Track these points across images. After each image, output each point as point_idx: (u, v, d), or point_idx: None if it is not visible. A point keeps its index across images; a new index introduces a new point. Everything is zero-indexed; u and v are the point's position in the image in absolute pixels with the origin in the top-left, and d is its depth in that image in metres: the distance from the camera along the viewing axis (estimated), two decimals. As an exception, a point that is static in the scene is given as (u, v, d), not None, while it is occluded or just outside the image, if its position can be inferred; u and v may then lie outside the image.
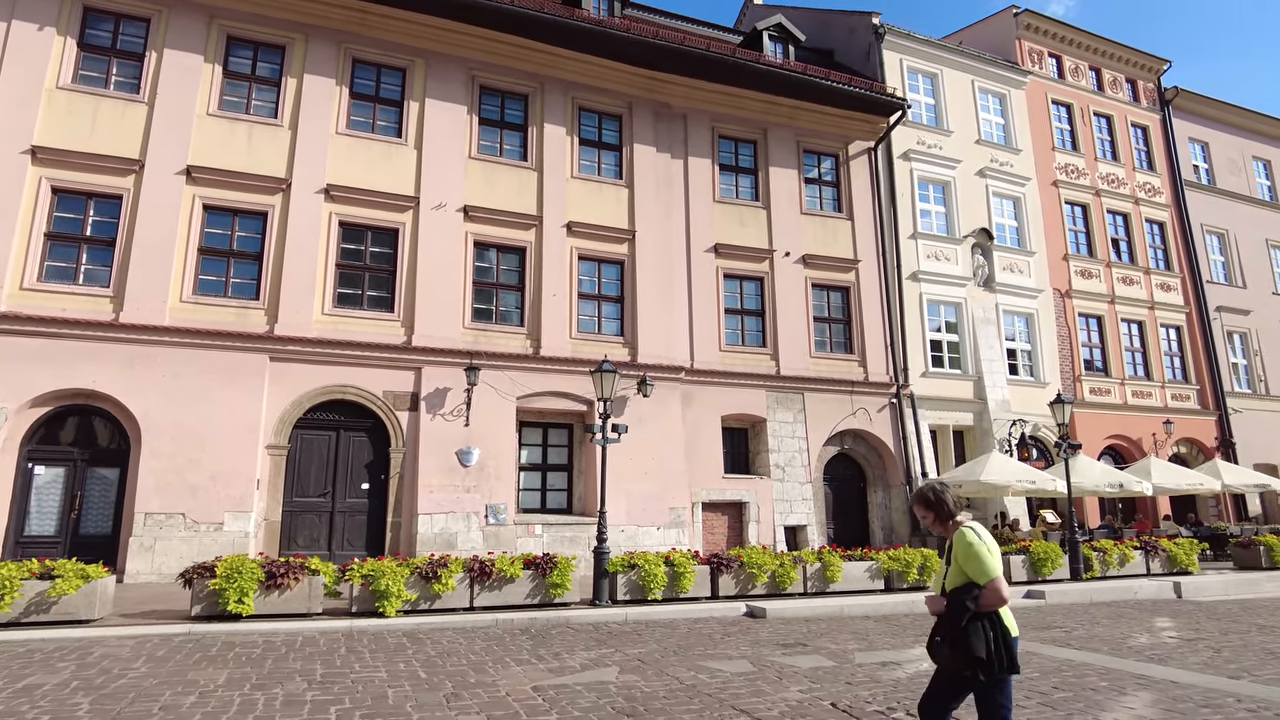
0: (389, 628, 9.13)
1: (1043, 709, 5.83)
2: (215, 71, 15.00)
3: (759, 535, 17.03)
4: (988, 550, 3.58)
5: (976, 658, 3.45)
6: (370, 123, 16.14)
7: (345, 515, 14.63)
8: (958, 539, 3.66)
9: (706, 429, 17.31)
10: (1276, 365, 25.62)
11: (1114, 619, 10.94)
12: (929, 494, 3.81)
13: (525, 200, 16.65)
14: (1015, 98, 23.34)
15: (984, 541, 3.62)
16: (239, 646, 7.83)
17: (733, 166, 19.18)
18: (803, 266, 19.01)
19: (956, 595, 3.60)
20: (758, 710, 5.67)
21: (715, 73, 18.40)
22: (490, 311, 16.01)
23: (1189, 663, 7.77)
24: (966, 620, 3.51)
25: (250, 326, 14.23)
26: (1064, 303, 22.44)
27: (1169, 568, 15.12)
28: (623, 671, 6.96)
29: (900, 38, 21.72)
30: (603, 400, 11.80)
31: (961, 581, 3.62)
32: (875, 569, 12.27)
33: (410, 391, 14.91)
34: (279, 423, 14.20)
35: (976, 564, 3.57)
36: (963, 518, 3.76)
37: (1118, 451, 22.72)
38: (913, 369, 19.32)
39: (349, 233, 15.42)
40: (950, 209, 21.14)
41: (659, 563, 10.82)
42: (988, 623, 3.51)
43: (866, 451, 18.99)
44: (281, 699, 5.77)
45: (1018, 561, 13.52)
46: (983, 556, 3.56)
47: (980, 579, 3.55)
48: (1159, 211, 25.21)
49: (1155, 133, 26.04)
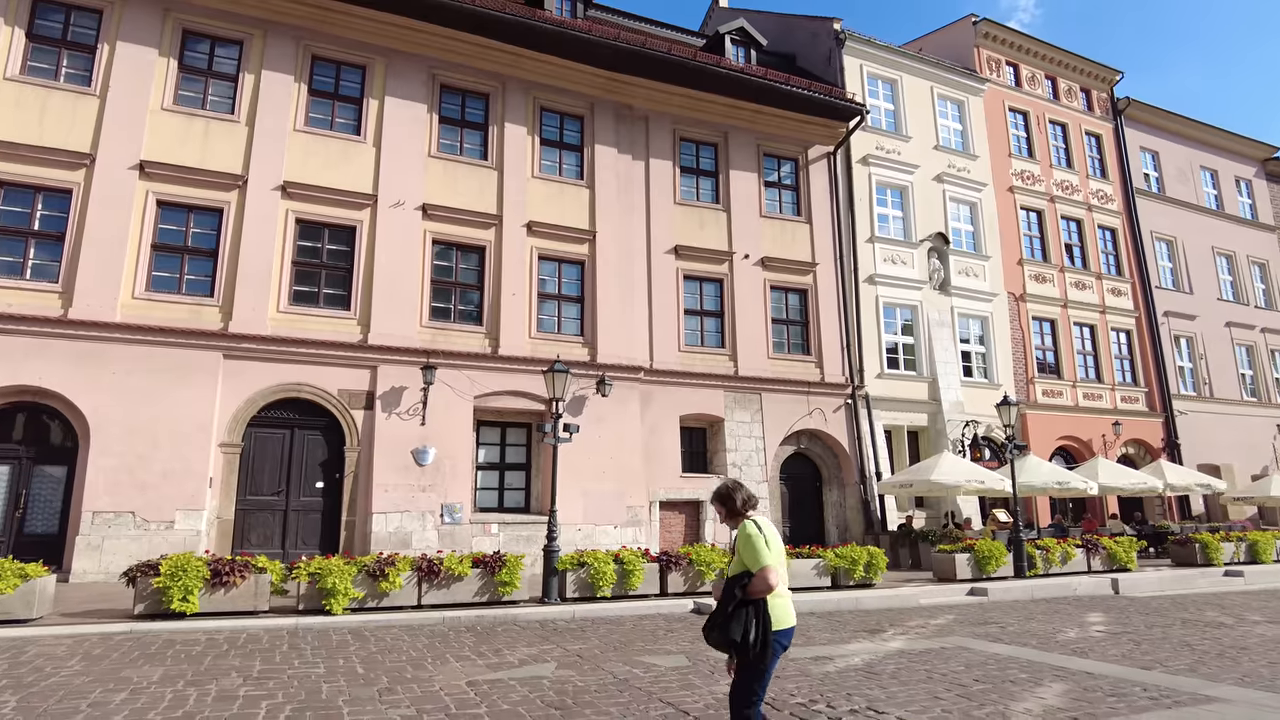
0: (335, 625, 9.17)
1: (959, 700, 6.06)
2: (170, 65, 14.86)
3: (715, 534, 17.25)
4: (764, 542, 3.81)
5: (732, 640, 3.70)
6: (329, 120, 16.08)
7: (299, 514, 14.58)
8: (740, 531, 3.90)
9: (665, 428, 17.49)
10: (1220, 369, 26.42)
11: (1050, 614, 11.29)
12: (721, 491, 4.09)
13: (485, 199, 16.70)
14: (973, 105, 23.82)
15: (762, 534, 3.84)
16: (179, 644, 7.84)
17: (694, 169, 19.37)
18: (762, 269, 19.26)
19: (730, 582, 3.84)
20: (683, 703, 5.84)
21: (676, 75, 18.58)
22: (449, 310, 16.04)
23: (1108, 655, 8.09)
24: (734, 606, 3.75)
25: (204, 324, 14.14)
26: (1018, 306, 22.96)
27: (1109, 565, 15.58)
28: (560, 667, 7.10)
29: (861, 44, 22.07)
30: (555, 400, 11.90)
31: (741, 570, 3.85)
32: (822, 566, 12.53)
33: (366, 390, 14.90)
34: (233, 421, 14.12)
35: (751, 553, 3.80)
36: (752, 514, 4.01)
37: (1069, 452, 23.30)
38: (868, 370, 19.68)
39: (306, 230, 15.36)
40: (907, 213, 21.54)
41: (608, 561, 10.97)
42: (753, 609, 3.73)
43: (822, 451, 19.31)
44: (214, 695, 5.82)
45: (963, 560, 13.86)
46: (757, 547, 3.79)
47: (753, 567, 3.78)
48: (1111, 218, 25.87)
49: (1108, 141, 26.71)
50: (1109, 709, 5.84)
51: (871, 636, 9.09)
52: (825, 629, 9.66)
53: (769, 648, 3.73)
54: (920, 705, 5.86)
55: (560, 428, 11.92)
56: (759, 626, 3.71)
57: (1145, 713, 5.75)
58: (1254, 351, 27.45)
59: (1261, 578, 15.70)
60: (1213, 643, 8.94)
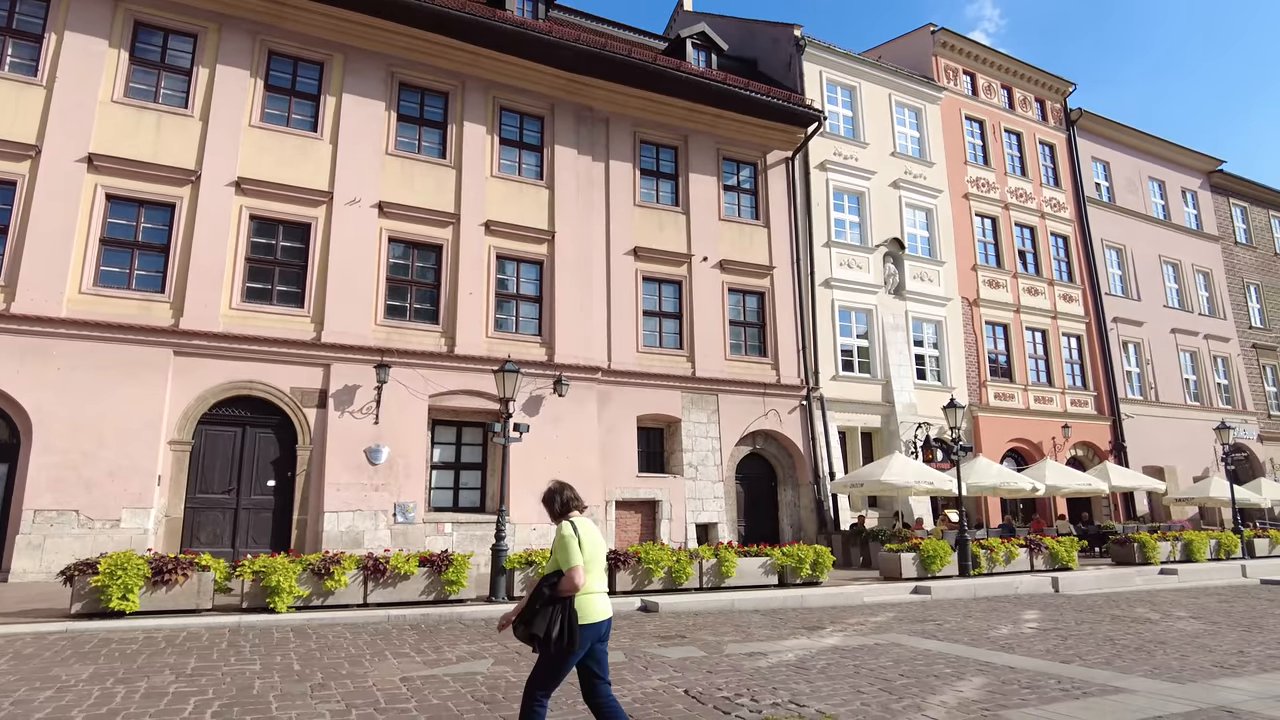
0: (278, 623, 9.17)
1: (880, 694, 6.27)
2: (121, 57, 14.67)
3: (671, 532, 17.43)
4: (577, 544, 4.02)
5: (535, 635, 3.91)
6: (285, 116, 15.97)
7: (250, 512, 14.48)
8: (557, 532, 4.11)
9: (622, 428, 17.63)
10: (1165, 374, 27.22)
11: (987, 612, 11.61)
12: (547, 494, 4.32)
13: (443, 198, 16.70)
14: (930, 112, 24.28)
15: (577, 536, 4.05)
16: (115, 643, 7.80)
17: (654, 171, 19.53)
18: (720, 271, 19.48)
19: (542, 581, 4.06)
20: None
21: (637, 78, 18.72)
22: (404, 309, 16.02)
23: (1034, 650, 8.37)
24: (541, 603, 3.95)
25: (154, 320, 13.98)
26: (972, 311, 23.45)
27: (1051, 564, 16.01)
28: (496, 663, 7.20)
29: (820, 50, 22.40)
30: (505, 400, 11.97)
31: (554, 569, 4.07)
32: (769, 564, 12.75)
33: (319, 388, 14.84)
34: (182, 418, 13.98)
35: (562, 553, 4.01)
36: (574, 515, 4.21)
37: (1020, 453, 23.85)
38: (824, 372, 20.00)
39: (260, 227, 15.26)
40: (864, 219, 21.91)
41: (556, 559, 11.05)
42: (560, 607, 3.93)
43: (778, 451, 19.58)
44: (143, 692, 5.83)
45: (908, 559, 14.17)
46: (569, 548, 4.00)
47: (564, 567, 3.99)
48: (1063, 226, 26.52)
49: (1061, 151, 27.37)
50: (1020, 700, 6.07)
51: (810, 633, 9.30)
52: (766, 626, 9.86)
53: (575, 642, 3.93)
54: (841, 699, 6.05)
55: (510, 427, 11.98)
56: (564, 623, 3.90)
57: (1054, 703, 5.99)
58: (1197, 357, 28.32)
59: (1194, 576, 16.24)
60: (1134, 637, 9.29)
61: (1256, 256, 31.92)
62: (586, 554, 4.04)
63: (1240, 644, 8.86)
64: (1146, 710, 5.78)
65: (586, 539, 4.09)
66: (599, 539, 4.21)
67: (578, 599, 3.98)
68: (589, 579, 4.04)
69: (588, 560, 4.04)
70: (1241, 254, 31.41)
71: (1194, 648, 8.59)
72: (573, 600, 3.96)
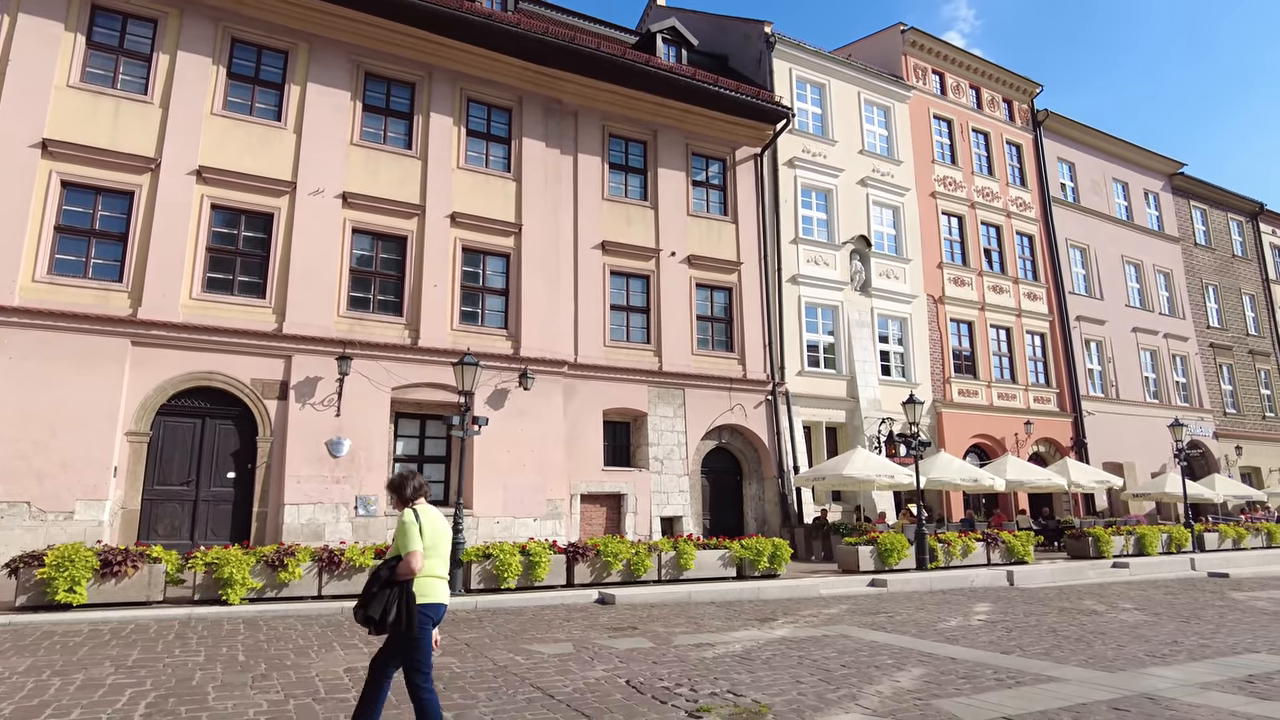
0: (230, 615, 9.13)
1: (819, 683, 6.39)
2: (78, 41, 14.40)
3: (636, 526, 17.51)
4: (418, 530, 4.18)
5: (370, 617, 4.06)
6: (249, 105, 15.78)
7: (210, 504, 14.34)
8: (399, 518, 4.27)
9: (588, 422, 17.66)
10: (1126, 372, 27.74)
11: (940, 605, 11.82)
12: (394, 481, 4.48)
13: (408, 189, 16.61)
14: (899, 111, 24.50)
15: (418, 523, 4.21)
16: (59, 636, 7.73)
17: (623, 165, 19.55)
18: (688, 266, 19.56)
19: (381, 564, 4.21)
20: (553, 687, 6.03)
21: (606, 72, 18.71)
22: (368, 300, 15.93)
23: (978, 641, 8.55)
24: (379, 586, 4.09)
25: (112, 309, 13.77)
26: (937, 308, 23.74)
27: (1008, 558, 16.32)
28: (444, 655, 7.23)
29: (790, 48, 22.51)
30: (464, 393, 11.96)
31: (395, 555, 4.23)
32: (728, 557, 12.87)
33: (280, 380, 14.71)
34: (140, 409, 13.80)
35: (403, 538, 4.18)
36: (420, 504, 4.37)
37: (983, 449, 24.20)
38: (789, 368, 20.16)
39: (221, 216, 15.08)
40: (831, 216, 22.09)
41: (514, 552, 11.11)
42: (398, 590, 4.08)
43: (743, 446, 19.72)
44: (79, 684, 5.80)
45: (866, 552, 14.37)
46: (409, 533, 4.16)
47: (402, 551, 4.15)
48: (1029, 225, 26.90)
49: (1028, 151, 27.75)
50: (955, 690, 6.22)
51: (761, 625, 9.42)
52: (720, 618, 9.97)
53: (414, 623, 4.07)
54: (780, 688, 6.16)
55: (469, 421, 11.98)
56: (401, 605, 4.05)
57: (986, 693, 6.15)
58: (1157, 356, 28.89)
59: (1145, 569, 16.64)
60: (1077, 629, 9.52)
61: (1215, 258, 32.60)
62: (428, 540, 4.22)
63: (1176, 634, 9.12)
64: (1073, 698, 5.95)
65: (428, 526, 4.26)
66: (443, 528, 4.41)
67: (417, 581, 4.15)
68: (429, 563, 4.23)
69: (429, 546, 4.23)
70: (1201, 255, 32.06)
71: (1131, 638, 8.82)
72: (411, 583, 4.11)
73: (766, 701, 5.71)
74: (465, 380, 11.90)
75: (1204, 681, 6.54)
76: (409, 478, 4.46)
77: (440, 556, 4.34)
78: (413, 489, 4.42)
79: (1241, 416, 30.88)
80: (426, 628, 4.18)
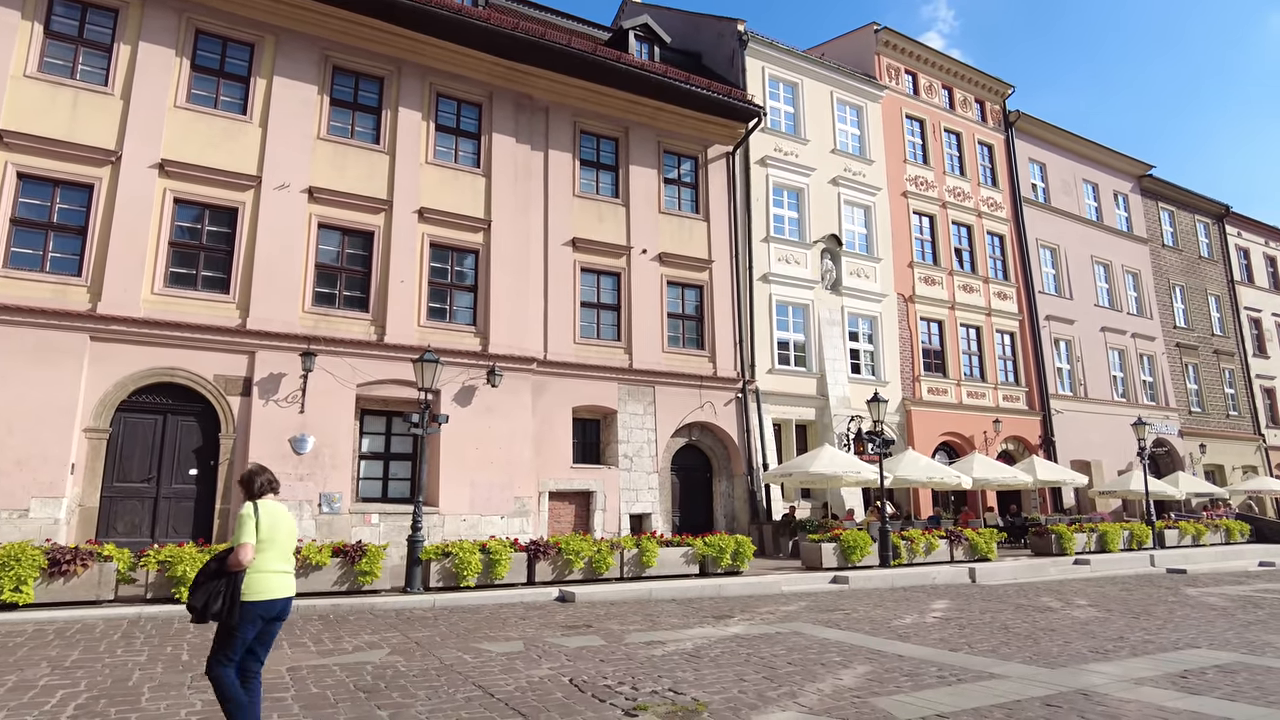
0: (182, 614, 8.97)
1: (762, 681, 6.43)
2: (35, 30, 14.15)
3: (605, 523, 17.52)
4: (253, 524, 4.24)
5: (192, 606, 4.12)
6: (213, 98, 15.59)
7: (171, 501, 14.19)
8: (239, 512, 4.33)
9: (557, 419, 17.64)
10: (1094, 371, 28.10)
11: (899, 602, 11.93)
12: (244, 475, 4.53)
13: (376, 184, 16.49)
14: (871, 110, 24.63)
15: (255, 516, 4.27)
16: (1, 636, 7.62)
17: (594, 162, 19.52)
18: (659, 264, 19.57)
19: (213, 556, 4.29)
20: (495, 686, 6.03)
21: (577, 68, 18.66)
22: (334, 296, 15.81)
23: (928, 639, 8.64)
24: (205, 576, 4.15)
25: (70, 304, 13.58)
26: (907, 307, 23.92)
27: (971, 555, 16.49)
28: (392, 653, 7.21)
29: (764, 46, 22.56)
30: (424, 390, 11.91)
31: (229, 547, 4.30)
32: (691, 554, 12.92)
33: (243, 376, 14.58)
34: (99, 405, 13.63)
35: (237, 532, 4.23)
36: (268, 499, 4.44)
37: (952, 447, 24.43)
38: (760, 366, 20.25)
39: (185, 210, 14.90)
40: (803, 215, 22.18)
41: (473, 550, 11.08)
42: (226, 581, 4.14)
43: (713, 443, 19.79)
44: (10, 685, 5.73)
45: (829, 549, 14.48)
46: (242, 527, 4.22)
47: (234, 543, 4.20)
48: (999, 225, 27.16)
49: (999, 151, 28.00)
50: (895, 687, 6.29)
51: (716, 622, 9.47)
52: (677, 615, 10.01)
53: (235, 614, 4.11)
54: (721, 686, 6.20)
55: (428, 418, 11.93)
56: (225, 597, 4.10)
57: (925, 690, 6.22)
58: (1125, 355, 29.28)
59: (1106, 565, 16.89)
60: (1029, 625, 9.65)
61: (1182, 259, 33.08)
62: (264, 534, 4.26)
63: (1124, 630, 9.27)
64: (1009, 695, 6.03)
65: (267, 520, 4.30)
66: (286, 523, 4.45)
67: (249, 576, 4.19)
68: (264, 558, 4.26)
69: (265, 540, 4.26)
70: (1168, 256, 32.52)
71: (1080, 635, 8.96)
72: (240, 576, 4.15)
73: (705, 699, 5.74)
74: (425, 377, 11.85)
75: (1139, 677, 6.65)
76: (257, 474, 4.51)
77: (279, 550, 4.37)
78: (261, 484, 4.47)
79: (1206, 415, 31.39)
80: (250, 623, 4.19)
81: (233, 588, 4.13)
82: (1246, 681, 6.54)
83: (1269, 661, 7.42)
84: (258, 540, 4.22)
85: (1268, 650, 8.01)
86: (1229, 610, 11.22)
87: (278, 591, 4.31)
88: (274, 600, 4.28)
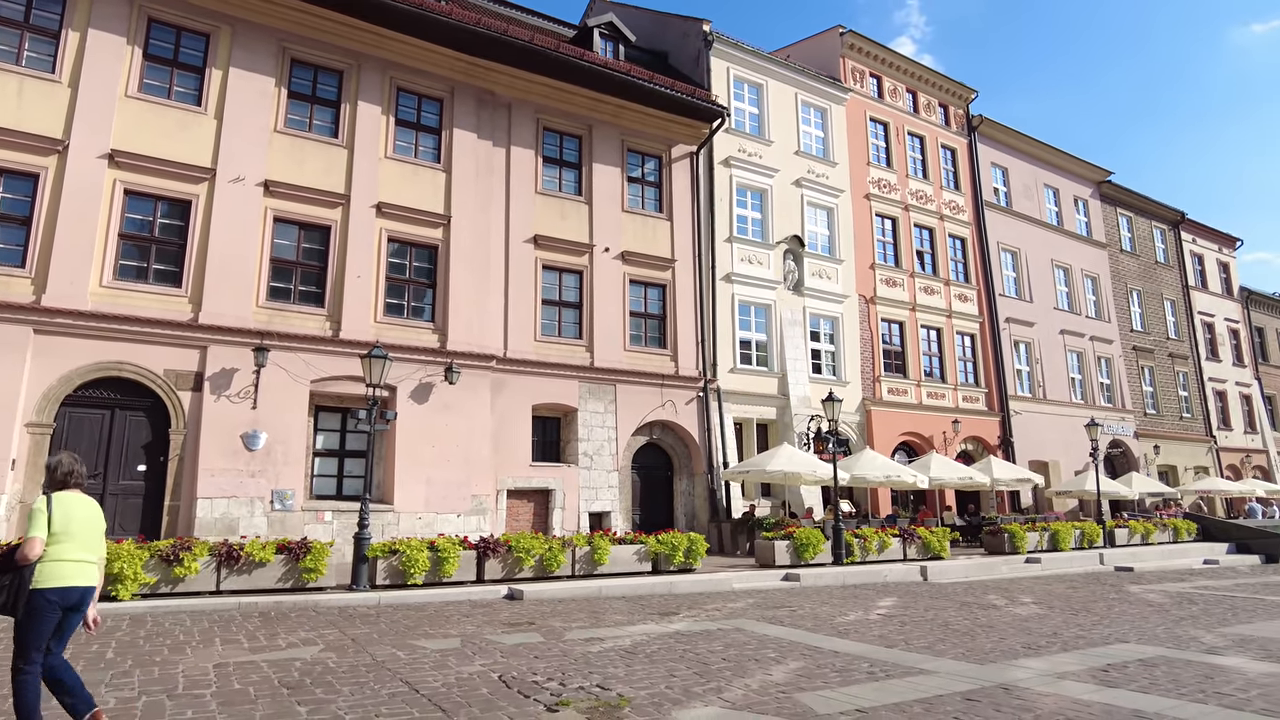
0: (117, 611, 8.90)
1: (692, 677, 6.47)
2: (-20, 17, 13.86)
3: (564, 521, 17.51)
4: (45, 516, 4.26)
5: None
6: (167, 88, 15.34)
7: (119, 498, 13.95)
8: (34, 505, 4.33)
9: (517, 417, 17.59)
10: (1053, 373, 28.59)
11: (847, 599, 12.06)
12: (48, 464, 4.54)
13: (334, 178, 16.32)
14: (835, 113, 24.84)
15: (47, 510, 4.28)
16: (-77, 633, 7.46)
17: (557, 160, 19.48)
18: (622, 263, 19.59)
19: (4, 552, 4.28)
20: (422, 682, 6.02)
21: (539, 65, 18.61)
22: (288, 291, 15.63)
23: (868, 636, 8.74)
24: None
25: (12, 296, 13.28)
26: (868, 308, 24.16)
27: (924, 554, 16.71)
28: (325, 650, 7.16)
29: (729, 46, 22.66)
30: (372, 386, 11.83)
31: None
32: (644, 552, 12.97)
33: (195, 371, 14.37)
34: (42, 400, 13.36)
35: (28, 524, 4.26)
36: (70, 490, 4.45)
37: (911, 447, 24.72)
38: (721, 365, 20.35)
39: (136, 202, 14.65)
40: (766, 215, 22.33)
41: (421, 548, 11.03)
42: (14, 575, 4.15)
43: (674, 442, 19.86)
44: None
45: (782, 547, 14.59)
46: (34, 520, 4.24)
47: (27, 536, 4.23)
48: (961, 228, 27.52)
49: (962, 155, 28.38)
50: (823, 683, 6.36)
51: (660, 619, 9.51)
52: (623, 612, 10.04)
53: (20, 607, 4.12)
54: (650, 682, 6.23)
55: (377, 415, 11.85)
56: (11, 590, 4.11)
57: (852, 685, 6.29)
58: (1083, 358, 29.83)
59: (1057, 564, 17.20)
60: (969, 622, 9.80)
61: (1139, 264, 33.77)
62: (58, 526, 4.25)
63: (1060, 627, 9.46)
64: (932, 690, 6.13)
65: (61, 512, 4.30)
66: (82, 514, 4.43)
67: (42, 566, 4.18)
68: (59, 548, 4.24)
69: (59, 532, 4.25)
70: (1126, 260, 33.17)
71: (1017, 631, 9.12)
72: (30, 569, 4.14)
73: (630, 695, 5.77)
74: (374, 373, 11.78)
75: (1063, 672, 6.79)
76: (59, 464, 4.49)
77: (76, 541, 4.33)
78: (63, 474, 4.46)
79: (1160, 417, 32.07)
80: (46, 612, 4.17)
81: (20, 580, 4.12)
82: (1164, 675, 6.70)
83: (1190, 655, 7.62)
84: (52, 532, 4.21)
85: (1192, 644, 8.22)
86: (1165, 607, 11.49)
87: (74, 579, 4.28)
88: (70, 588, 4.26)
